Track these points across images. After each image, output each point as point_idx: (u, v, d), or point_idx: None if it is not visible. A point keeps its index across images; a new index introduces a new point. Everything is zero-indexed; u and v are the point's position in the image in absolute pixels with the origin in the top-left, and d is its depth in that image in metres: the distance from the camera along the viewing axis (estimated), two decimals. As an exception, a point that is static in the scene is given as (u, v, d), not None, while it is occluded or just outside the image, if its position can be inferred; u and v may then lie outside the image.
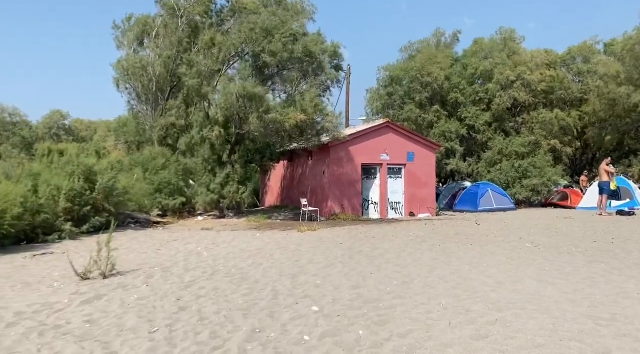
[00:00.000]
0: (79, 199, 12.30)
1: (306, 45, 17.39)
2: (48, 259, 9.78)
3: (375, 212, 18.96)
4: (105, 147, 23.79)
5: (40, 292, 6.99)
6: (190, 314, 5.75)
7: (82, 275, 7.70)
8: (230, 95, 17.01)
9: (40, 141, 33.01)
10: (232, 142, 18.60)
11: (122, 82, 23.37)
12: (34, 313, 5.86)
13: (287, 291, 6.83)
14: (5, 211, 9.97)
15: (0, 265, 9.15)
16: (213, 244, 11.66)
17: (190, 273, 8.15)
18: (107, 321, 5.53)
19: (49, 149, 22.67)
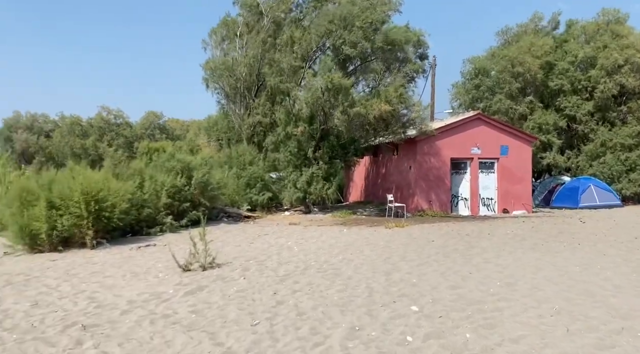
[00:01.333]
0: (178, 194, 13.00)
1: (387, 34, 17.00)
2: (151, 251, 10.39)
3: (465, 208, 18.18)
4: (198, 145, 25.02)
5: (147, 282, 7.40)
6: (288, 309, 5.77)
7: (184, 267, 8.06)
8: (315, 89, 17.11)
9: (139, 140, 35.58)
10: (316, 138, 18.73)
11: (211, 82, 24.37)
12: (143, 302, 6.19)
13: (383, 289, 6.66)
14: (114, 206, 10.75)
15: (110, 255, 9.87)
16: (302, 238, 11.76)
17: (284, 267, 8.24)
18: (210, 312, 5.70)
19: (148, 148, 24.35)
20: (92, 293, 6.69)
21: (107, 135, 37.07)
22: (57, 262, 9.17)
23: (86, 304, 6.10)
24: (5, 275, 8.02)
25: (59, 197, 10.35)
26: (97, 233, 10.67)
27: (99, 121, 38.52)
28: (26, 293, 6.74)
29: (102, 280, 7.54)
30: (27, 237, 10.12)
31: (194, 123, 42.39)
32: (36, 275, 7.99)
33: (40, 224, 10.03)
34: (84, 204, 10.30)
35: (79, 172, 11.15)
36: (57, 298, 6.47)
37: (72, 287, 7.08)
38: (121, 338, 4.83)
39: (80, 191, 10.35)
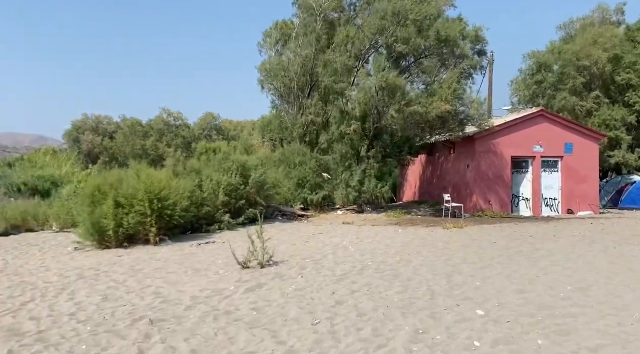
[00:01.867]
0: (235, 193, 13.27)
1: (440, 30, 16.54)
2: (211, 248, 10.64)
3: (527, 209, 17.43)
4: (252, 145, 25.48)
5: (208, 278, 7.57)
6: (347, 309, 5.70)
7: (243, 264, 8.18)
8: (369, 89, 16.96)
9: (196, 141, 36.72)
10: (370, 136, 18.57)
11: (266, 83, 24.75)
12: (206, 298, 6.33)
13: (445, 292, 6.46)
14: (176, 204, 11.11)
15: (172, 252, 10.20)
16: (357, 238, 11.67)
17: (341, 267, 8.18)
18: (271, 310, 5.73)
19: (205, 148, 25.04)
20: (157, 289, 6.91)
21: (166, 136, 38.57)
22: (123, 258, 9.58)
23: (152, 299, 6.30)
24: (77, 269, 8.46)
25: (125, 196, 10.81)
26: (160, 230, 11.06)
27: (159, 122, 40.14)
28: (97, 287, 7.07)
29: (165, 276, 7.78)
30: (96, 234, 10.65)
31: (248, 124, 43.27)
32: (105, 270, 8.37)
33: (108, 222, 10.51)
34: (147, 203, 10.70)
35: (143, 172, 11.60)
36: (125, 292, 6.74)
37: (138, 282, 7.35)
38: (187, 334, 4.94)
39: (144, 190, 10.76)
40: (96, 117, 42.56)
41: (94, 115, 42.76)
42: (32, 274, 8.18)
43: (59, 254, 10.43)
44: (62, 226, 14.57)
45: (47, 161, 40.39)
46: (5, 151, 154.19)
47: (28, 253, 10.55)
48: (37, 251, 10.79)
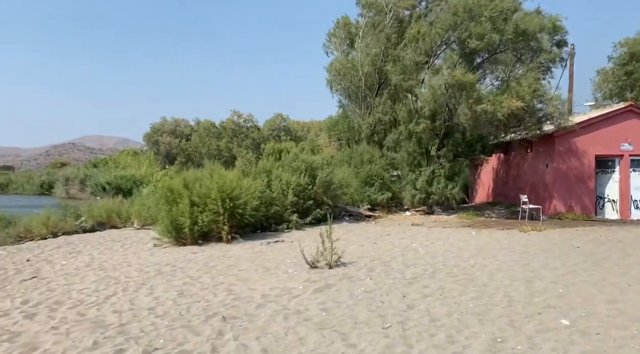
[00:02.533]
0: (303, 193, 13.39)
1: (518, 23, 15.67)
2: (280, 247, 10.79)
3: (613, 211, 16.13)
4: (319, 145, 25.66)
5: (278, 277, 7.65)
6: (419, 314, 5.51)
7: (311, 264, 8.19)
8: (438, 86, 16.46)
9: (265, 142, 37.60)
10: (440, 135, 18.03)
11: (334, 83, 24.81)
12: (276, 297, 6.38)
13: (524, 299, 6.08)
14: (246, 203, 11.39)
15: (243, 250, 10.45)
16: (427, 240, 11.34)
17: (411, 270, 7.96)
18: (340, 311, 5.67)
19: (273, 149, 25.56)
20: (229, 286, 7.08)
21: (237, 137, 39.87)
22: (197, 255, 9.94)
23: (225, 296, 6.46)
24: (156, 265, 8.88)
25: (199, 196, 11.22)
26: (232, 229, 11.38)
27: (231, 124, 41.58)
28: (173, 283, 7.36)
29: (237, 273, 7.96)
30: (173, 231, 11.13)
31: (315, 124, 43.70)
32: (181, 266, 8.72)
33: (184, 220, 10.96)
34: (220, 202, 11.04)
35: (215, 172, 11.99)
36: (199, 288, 6.96)
37: (212, 279, 7.57)
38: (258, 332, 4.99)
39: (217, 190, 11.12)
40: (174, 119, 44.84)
41: (172, 118, 45.09)
42: (115, 268, 8.69)
43: (139, 250, 11.01)
44: (142, 223, 15.42)
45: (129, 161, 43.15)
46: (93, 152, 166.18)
47: (112, 249, 11.23)
48: (119, 247, 11.47)
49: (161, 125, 43.44)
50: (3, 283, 7.63)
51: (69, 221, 15.31)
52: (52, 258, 10.01)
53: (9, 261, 9.74)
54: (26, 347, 4.55)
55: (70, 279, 7.75)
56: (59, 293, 6.76)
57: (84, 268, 8.84)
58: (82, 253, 10.60)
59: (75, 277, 7.95)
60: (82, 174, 40.29)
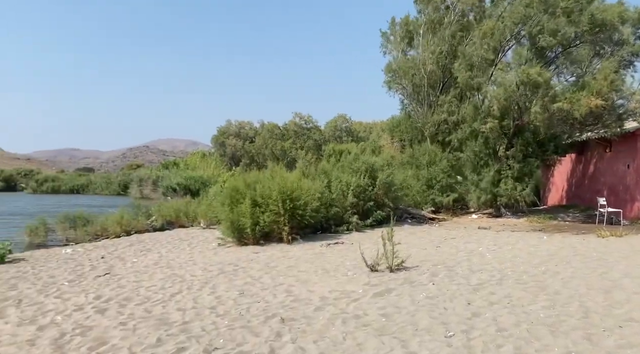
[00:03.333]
0: (363, 194, 13.25)
1: (596, 14, 14.59)
2: (339, 249, 10.72)
3: None
4: (381, 146, 25.37)
5: (337, 279, 7.57)
6: (485, 322, 5.22)
7: (371, 267, 8.05)
8: (508, 84, 15.71)
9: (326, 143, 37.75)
10: (508, 135, 17.21)
11: (393, 84, 24.40)
12: (335, 300, 6.31)
13: (602, 310, 5.59)
14: (306, 204, 11.43)
15: (303, 251, 10.48)
16: (494, 245, 10.83)
17: (476, 275, 7.61)
18: (400, 317, 5.49)
19: (333, 149, 25.59)
20: (289, 287, 7.10)
21: (299, 139, 40.39)
22: (259, 255, 10.09)
23: (284, 297, 6.47)
24: (219, 264, 9.10)
25: (261, 196, 11.40)
26: (292, 229, 11.46)
27: (293, 125, 42.20)
28: (235, 282, 7.49)
29: (297, 274, 7.98)
30: (236, 231, 11.39)
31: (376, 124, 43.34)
32: (243, 266, 8.88)
33: (246, 220, 11.18)
34: (280, 202, 11.15)
35: (276, 173, 12.14)
36: (259, 289, 7.03)
37: (272, 279, 7.63)
38: (316, 335, 4.93)
39: (277, 191, 11.24)
40: (238, 122, 46.18)
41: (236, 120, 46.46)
42: (181, 267, 9.00)
43: (204, 249, 11.37)
44: (208, 222, 15.94)
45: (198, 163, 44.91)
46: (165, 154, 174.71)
47: (179, 248, 11.67)
48: (186, 246, 11.90)
49: (227, 128, 44.89)
50: (79, 278, 8.12)
51: (141, 220, 16.12)
52: (124, 256, 10.55)
53: (85, 258, 10.38)
54: (96, 341, 4.77)
55: (140, 277, 8.11)
56: (129, 290, 7.08)
57: (153, 265, 9.24)
58: (151, 251, 11.10)
59: (144, 274, 8.31)
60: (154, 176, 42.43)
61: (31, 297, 6.79)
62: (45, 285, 7.58)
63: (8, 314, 5.92)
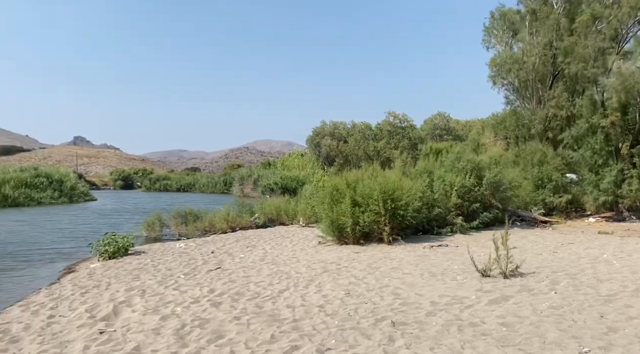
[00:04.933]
0: (468, 194, 12.60)
1: None
2: (444, 251, 10.27)
3: None
4: (483, 144, 24.10)
5: (445, 283, 7.21)
6: (626, 339, 4.62)
7: (482, 272, 7.57)
8: (630, 74, 14.12)
9: (423, 142, 36.77)
10: (634, 130, 15.45)
11: (497, 78, 23.06)
12: (446, 305, 5.98)
13: None
14: (408, 204, 11.11)
15: (406, 252, 10.19)
16: (621, 251, 9.73)
17: (605, 285, 6.83)
18: (523, 327, 5.05)
19: (431, 148, 24.80)
20: (395, 289, 6.88)
21: (393, 138, 39.75)
22: (360, 255, 9.98)
23: (392, 300, 6.27)
24: (321, 263, 9.13)
25: (361, 196, 11.29)
26: (393, 230, 11.20)
27: (387, 125, 41.64)
28: (339, 282, 7.44)
29: (402, 277, 7.74)
30: (336, 230, 11.39)
31: (477, 122, 41.34)
32: (345, 265, 8.82)
33: (346, 219, 11.13)
34: (381, 202, 10.95)
35: (377, 173, 11.96)
36: (365, 289, 6.90)
37: (377, 280, 7.47)
38: (431, 342, 4.68)
39: (379, 190, 11.05)
40: (333, 123, 46.62)
41: (331, 121, 46.94)
42: (285, 263, 9.16)
43: (305, 246, 11.51)
44: (307, 221, 16.20)
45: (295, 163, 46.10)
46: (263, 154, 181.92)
47: (281, 245, 11.94)
48: (288, 243, 12.14)
49: (321, 128, 45.45)
50: (193, 272, 8.57)
51: (245, 217, 16.80)
52: (232, 251, 11.01)
53: (197, 252, 10.98)
54: (214, 334, 4.94)
55: (248, 272, 8.37)
56: (239, 285, 7.31)
57: (259, 261, 9.51)
58: (256, 248, 11.47)
59: (252, 270, 8.57)
60: (255, 175, 44.23)
61: (153, 288, 7.27)
62: (164, 277, 8.09)
63: (134, 303, 6.37)
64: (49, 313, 6.14)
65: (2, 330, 5.57)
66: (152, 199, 44.30)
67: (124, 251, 10.88)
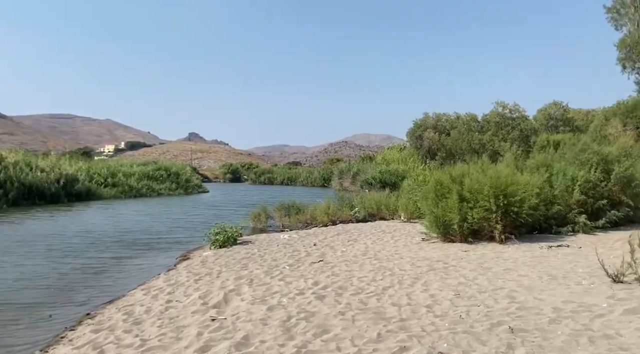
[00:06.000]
0: (593, 191, 11.31)
1: None
2: (564, 253, 9.32)
3: None
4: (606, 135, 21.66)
5: (569, 288, 6.49)
6: None
7: (614, 277, 6.70)
8: None
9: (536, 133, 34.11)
10: None
11: (628, 61, 20.61)
12: (572, 313, 5.35)
13: None
14: (523, 201, 10.24)
15: (520, 252, 9.41)
16: None
17: None
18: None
19: (547, 140, 22.84)
20: (511, 292, 6.33)
21: (502, 130, 37.32)
22: (468, 254, 9.42)
23: (507, 304, 5.77)
24: (426, 260, 8.76)
25: (469, 191, 10.65)
26: (505, 228, 10.42)
27: (495, 116, 39.21)
28: (447, 281, 7.03)
29: (517, 279, 7.12)
30: (441, 226, 10.88)
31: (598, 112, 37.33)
32: (453, 264, 8.35)
33: (453, 216, 10.58)
34: (492, 198, 10.23)
35: (488, 167, 11.22)
36: (476, 291, 6.44)
37: (489, 282, 6.95)
38: (557, 352, 4.18)
39: (489, 185, 10.34)
40: (435, 115, 45.03)
41: (434, 113, 45.40)
42: (388, 259, 8.93)
43: (408, 243, 11.17)
44: (408, 216, 15.77)
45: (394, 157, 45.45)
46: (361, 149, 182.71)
47: (382, 240, 11.71)
48: (390, 238, 11.88)
49: (423, 121, 44.08)
50: (297, 263, 8.68)
51: (345, 211, 16.82)
52: (333, 244, 11.02)
53: (300, 244, 11.15)
54: (319, 328, 4.87)
55: (350, 266, 8.27)
56: (342, 279, 7.23)
57: (361, 256, 9.38)
58: (357, 242, 11.36)
59: (354, 264, 8.46)
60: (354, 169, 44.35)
61: (260, 277, 7.46)
62: (270, 267, 8.28)
63: (243, 292, 6.56)
64: (166, 298, 6.55)
65: (128, 312, 6.04)
66: (258, 191, 46.42)
67: (233, 240, 11.39)
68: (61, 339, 5.29)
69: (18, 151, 32.87)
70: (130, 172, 36.35)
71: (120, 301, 6.78)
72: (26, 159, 28.31)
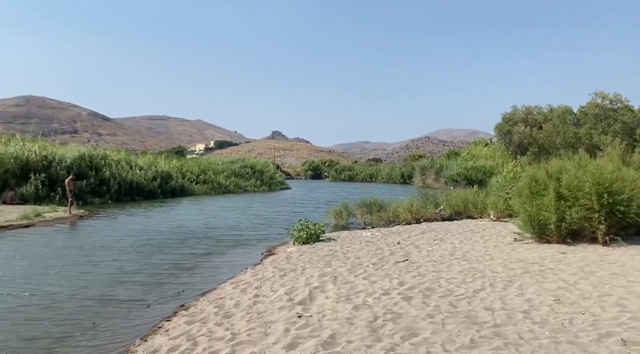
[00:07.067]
0: None
1: None
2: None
3: None
4: None
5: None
6: None
7: None
8: None
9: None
10: None
11: None
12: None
13: None
14: (631, 199, 9.28)
15: (628, 255, 8.53)
16: None
17: None
18: None
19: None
20: (620, 299, 5.73)
21: (601, 122, 34.24)
22: (567, 256, 8.72)
23: (617, 313, 5.22)
24: (520, 262, 8.21)
25: (568, 188, 9.86)
26: (610, 228, 9.51)
27: (593, 107, 36.09)
28: (545, 285, 6.53)
29: (627, 285, 6.44)
30: (535, 226, 10.18)
31: None
32: (550, 267, 7.76)
33: (549, 215, 9.85)
34: (595, 196, 9.38)
35: (588, 163, 10.32)
36: (579, 297, 5.91)
37: (593, 287, 6.35)
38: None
39: (591, 182, 9.49)
40: (526, 108, 42.43)
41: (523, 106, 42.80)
42: (478, 261, 8.49)
43: (499, 243, 10.58)
44: (498, 214, 14.97)
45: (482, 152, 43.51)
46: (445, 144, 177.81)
47: (471, 239, 11.19)
48: (479, 238, 11.33)
49: (512, 114, 41.62)
50: (381, 262, 8.53)
51: (429, 209, 16.34)
52: (418, 243, 10.72)
53: (383, 242, 10.97)
54: (407, 331, 4.70)
55: (437, 267, 7.97)
56: (429, 280, 6.98)
57: (448, 256, 9.02)
58: (444, 241, 10.96)
59: (441, 265, 8.15)
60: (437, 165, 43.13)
61: (343, 275, 7.41)
62: (354, 265, 8.22)
63: (327, 289, 6.55)
64: (254, 292, 6.71)
65: (219, 304, 6.27)
66: (338, 188, 46.67)
67: (315, 237, 11.48)
68: (158, 329, 5.60)
69: (120, 150, 35.79)
70: (219, 170, 38.17)
71: (212, 294, 7.06)
72: (127, 158, 30.72)
